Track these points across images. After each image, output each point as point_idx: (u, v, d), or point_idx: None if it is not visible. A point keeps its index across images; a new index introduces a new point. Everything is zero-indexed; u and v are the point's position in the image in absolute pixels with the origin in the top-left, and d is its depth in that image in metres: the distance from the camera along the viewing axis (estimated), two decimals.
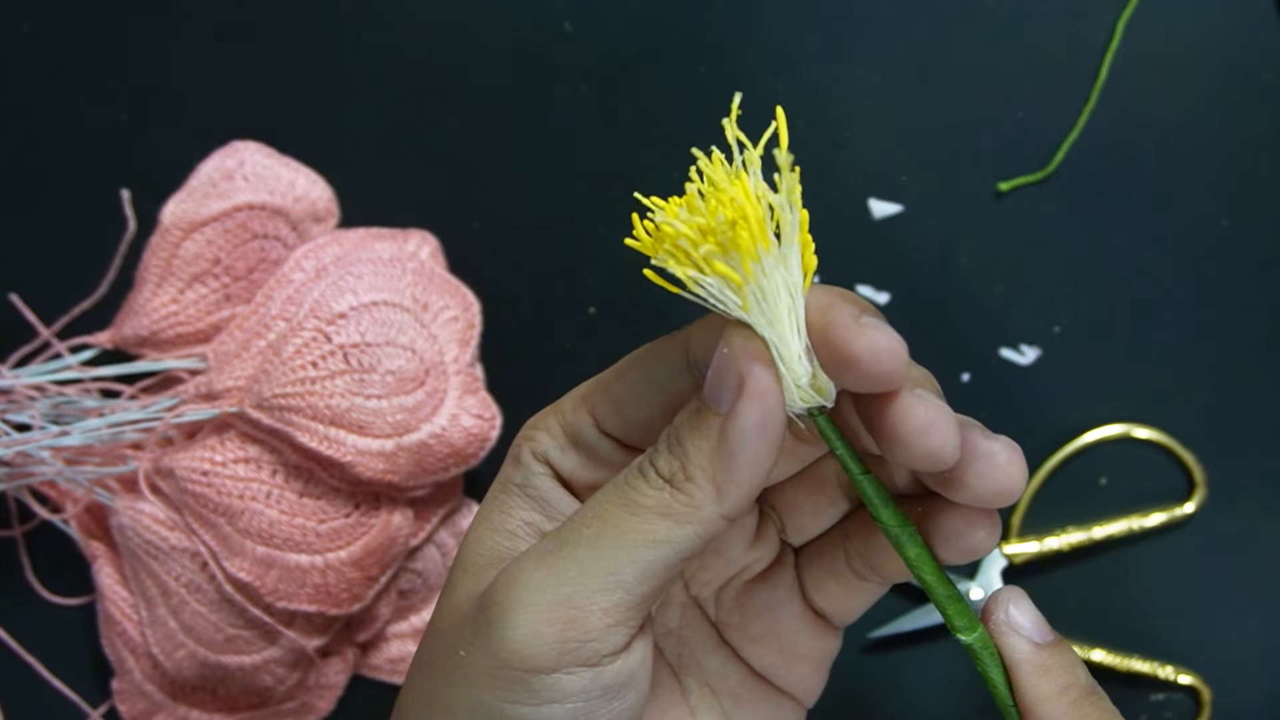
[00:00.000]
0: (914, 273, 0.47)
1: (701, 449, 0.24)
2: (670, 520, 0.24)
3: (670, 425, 0.25)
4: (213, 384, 0.41)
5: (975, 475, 0.24)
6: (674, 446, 0.24)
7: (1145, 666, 0.45)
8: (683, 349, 0.26)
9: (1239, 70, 0.47)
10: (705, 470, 0.24)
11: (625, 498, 0.24)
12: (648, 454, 0.25)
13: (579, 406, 0.27)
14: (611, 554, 0.24)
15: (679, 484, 0.24)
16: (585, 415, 0.27)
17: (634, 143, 0.47)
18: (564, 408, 0.28)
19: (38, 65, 0.48)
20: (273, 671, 0.43)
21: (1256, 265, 0.47)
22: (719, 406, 0.24)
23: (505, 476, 0.28)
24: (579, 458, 0.27)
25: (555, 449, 0.27)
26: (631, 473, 0.25)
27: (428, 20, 0.48)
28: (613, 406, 0.27)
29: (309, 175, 0.46)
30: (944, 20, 0.47)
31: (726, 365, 0.23)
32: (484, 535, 0.27)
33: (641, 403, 0.26)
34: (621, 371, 0.27)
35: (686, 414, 0.24)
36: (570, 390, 0.28)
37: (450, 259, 0.46)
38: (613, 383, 0.27)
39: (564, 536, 0.25)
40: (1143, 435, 0.46)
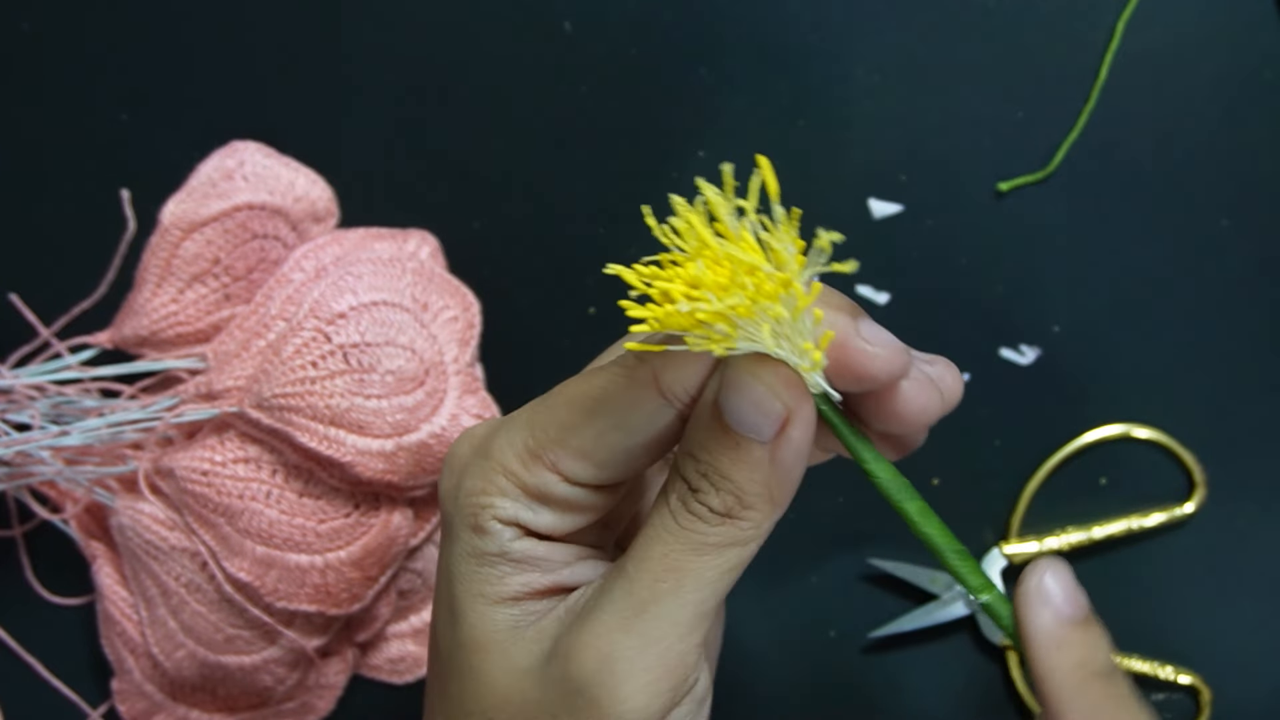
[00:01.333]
0: (914, 273, 0.47)
1: (755, 479, 0.24)
2: (738, 547, 0.25)
3: (693, 461, 0.25)
4: (212, 384, 0.41)
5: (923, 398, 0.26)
6: (720, 483, 0.25)
7: (1145, 666, 0.45)
8: (653, 390, 0.25)
9: (1239, 70, 0.47)
10: (762, 494, 0.25)
11: (691, 544, 0.25)
12: (686, 496, 0.25)
13: (532, 465, 0.26)
14: (696, 597, 0.25)
15: (738, 514, 0.25)
16: (546, 473, 0.26)
17: (634, 143, 0.47)
18: (511, 467, 0.26)
19: (38, 65, 0.48)
20: (272, 671, 0.43)
21: (1256, 265, 0.47)
22: (760, 436, 0.24)
23: (473, 549, 0.27)
24: (553, 513, 0.27)
25: (524, 511, 0.27)
26: (683, 517, 0.25)
27: (428, 20, 0.48)
28: (579, 459, 0.26)
29: (309, 175, 0.46)
30: (944, 20, 0.47)
31: (765, 399, 0.24)
32: (484, 611, 0.27)
33: (615, 449, 0.26)
34: (574, 425, 0.26)
35: (716, 448, 0.25)
36: (493, 436, 0.27)
37: (450, 259, 0.46)
38: (568, 438, 0.26)
39: (640, 596, 0.25)
40: (1143, 435, 0.46)
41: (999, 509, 0.47)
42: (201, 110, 0.48)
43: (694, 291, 0.23)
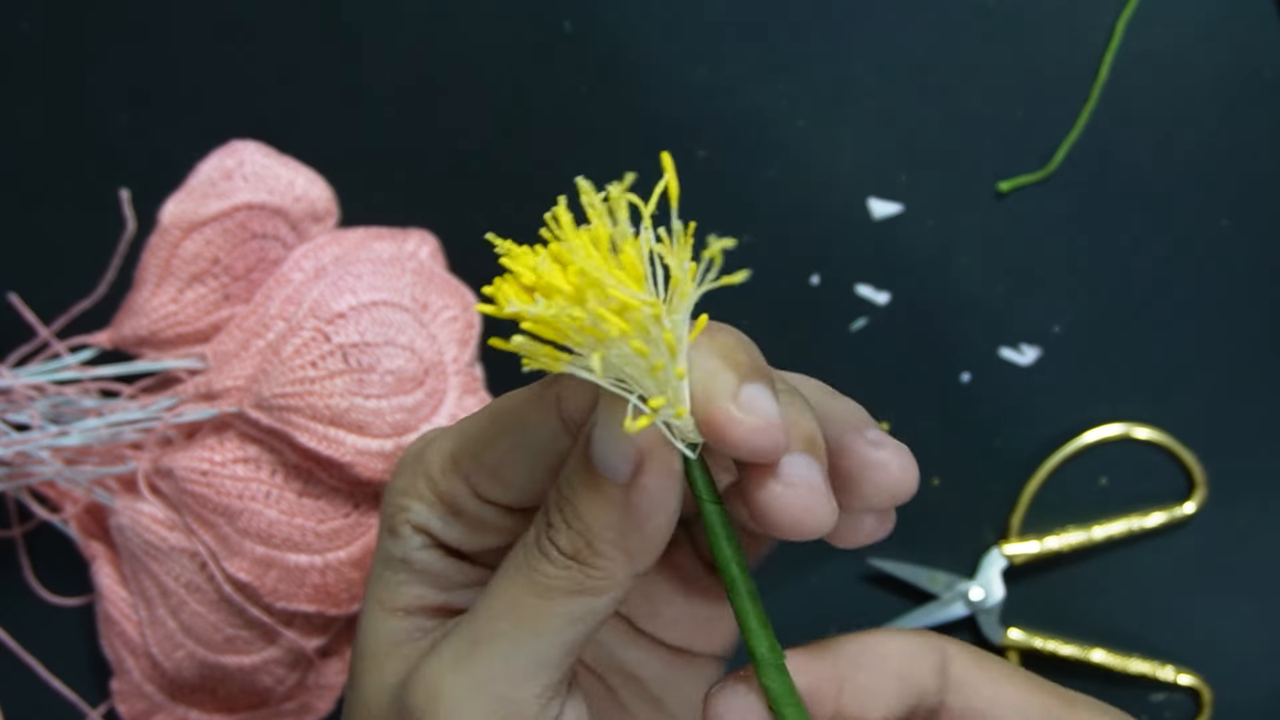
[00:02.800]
0: (914, 273, 0.47)
1: (606, 522, 0.22)
2: (586, 596, 0.23)
3: (557, 494, 0.23)
4: (212, 384, 0.41)
5: (870, 485, 0.23)
6: (573, 520, 0.23)
7: (1145, 666, 0.45)
8: (554, 410, 0.24)
9: (1239, 70, 0.47)
10: (614, 542, 0.23)
11: (534, 584, 0.23)
12: (542, 530, 0.23)
13: (450, 474, 0.25)
14: (533, 643, 0.23)
15: (586, 559, 0.23)
16: (460, 484, 0.25)
17: (634, 143, 0.47)
18: (432, 473, 0.26)
19: (38, 65, 0.48)
20: (272, 672, 0.43)
21: (1256, 265, 0.47)
22: (616, 477, 0.22)
23: (384, 551, 0.26)
24: (463, 528, 0.26)
25: (436, 520, 0.26)
26: (531, 554, 0.23)
27: (427, 20, 0.48)
28: (489, 475, 0.25)
29: (308, 175, 0.46)
30: (944, 20, 0.47)
31: (617, 439, 0.22)
32: (377, 618, 0.26)
33: (520, 468, 0.25)
34: (489, 439, 0.25)
35: (578, 483, 0.23)
36: (434, 439, 0.26)
37: (450, 259, 0.46)
38: (483, 451, 0.25)
39: (477, 633, 0.23)
40: (1143, 435, 0.46)
41: (999, 509, 0.47)
42: (201, 110, 0.48)
43: (535, 288, 0.21)
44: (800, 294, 0.47)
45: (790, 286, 0.47)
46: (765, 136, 0.47)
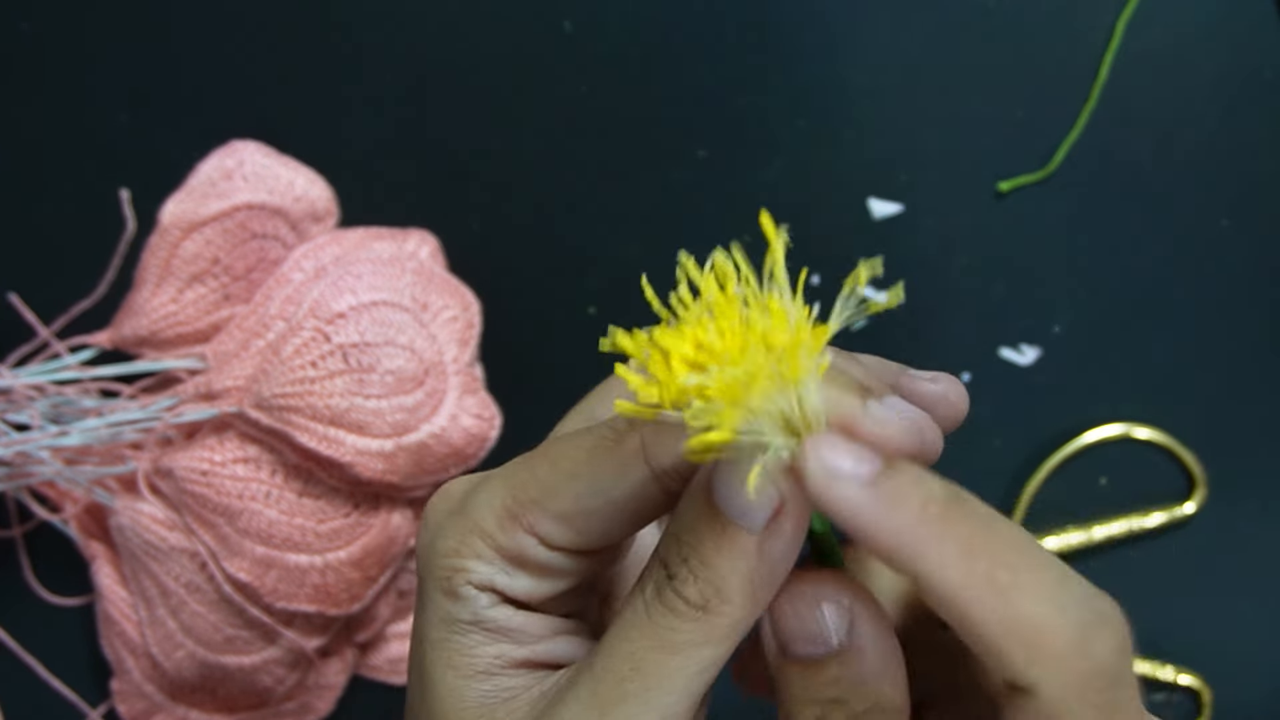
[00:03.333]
0: (914, 273, 0.47)
1: (738, 570, 0.23)
2: (712, 645, 0.23)
3: (677, 545, 0.23)
4: (212, 384, 0.41)
5: (940, 413, 0.25)
6: (701, 571, 0.23)
7: (1145, 666, 0.45)
8: (640, 459, 0.24)
9: (1239, 70, 0.47)
10: (744, 590, 0.23)
11: (659, 639, 0.23)
12: (663, 583, 0.23)
13: (510, 527, 0.25)
14: (665, 700, 0.23)
15: (715, 608, 0.23)
16: (525, 536, 0.25)
17: (634, 143, 0.47)
18: (487, 528, 0.25)
19: (38, 65, 0.48)
20: (272, 672, 0.43)
21: (1256, 265, 0.47)
22: (753, 526, 0.22)
23: (445, 614, 0.25)
24: (530, 578, 0.25)
25: (500, 575, 0.25)
26: (655, 609, 0.23)
27: (427, 20, 0.48)
28: (558, 523, 0.25)
29: (308, 175, 0.46)
30: (944, 20, 0.47)
31: (756, 489, 0.22)
32: (455, 685, 0.25)
33: (596, 515, 0.25)
34: (556, 488, 0.25)
35: (705, 533, 0.23)
36: (473, 493, 0.26)
37: (450, 259, 0.46)
38: (550, 501, 0.25)
39: (603, 697, 0.23)
40: (1143, 435, 0.46)
41: (999, 509, 0.46)
42: (201, 110, 0.48)
43: (698, 358, 0.22)
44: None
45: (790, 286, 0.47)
46: (765, 136, 0.47)
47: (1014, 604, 0.21)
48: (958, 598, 0.21)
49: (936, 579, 0.21)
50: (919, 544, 0.22)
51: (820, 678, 0.23)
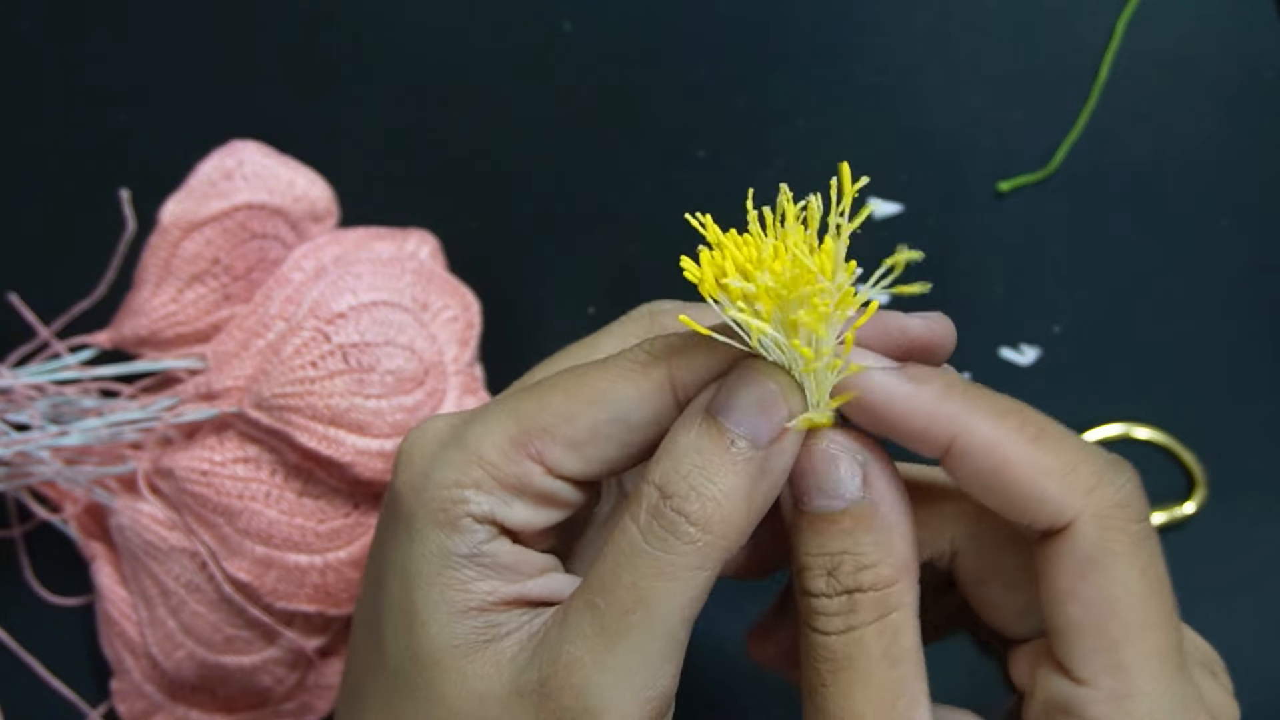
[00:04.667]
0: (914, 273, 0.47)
1: (740, 486, 0.23)
2: (709, 567, 0.23)
3: (675, 464, 0.24)
4: (212, 384, 0.41)
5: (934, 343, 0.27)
6: (704, 487, 0.23)
7: None
8: (667, 386, 0.25)
9: (1239, 70, 0.47)
10: (745, 505, 0.23)
11: (660, 567, 0.23)
12: (659, 505, 0.23)
13: (515, 455, 0.25)
14: (665, 626, 0.23)
15: (715, 526, 0.23)
16: (531, 464, 0.25)
17: (634, 143, 0.47)
18: (489, 457, 0.25)
19: (38, 65, 0.48)
20: (272, 672, 0.43)
21: (1256, 265, 0.47)
22: (757, 440, 0.23)
23: (440, 548, 0.25)
24: (529, 507, 0.25)
25: (499, 505, 0.25)
26: (653, 534, 0.23)
27: (427, 20, 0.48)
28: (571, 449, 0.25)
29: (308, 175, 0.46)
30: (944, 20, 0.47)
31: (774, 401, 0.23)
32: (445, 621, 0.25)
33: (613, 443, 0.25)
34: (575, 414, 0.25)
35: (712, 450, 0.23)
36: (466, 426, 0.25)
37: (450, 259, 0.46)
38: (565, 425, 0.25)
39: (608, 628, 0.23)
40: (1143, 435, 0.46)
41: None
42: (201, 110, 0.48)
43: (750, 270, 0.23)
44: None
45: None
46: (765, 136, 0.47)
47: (1046, 448, 0.24)
48: (994, 450, 0.24)
49: (973, 437, 0.24)
50: (954, 412, 0.24)
51: (833, 530, 0.24)
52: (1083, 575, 0.23)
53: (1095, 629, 0.23)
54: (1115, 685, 0.23)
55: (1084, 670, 0.23)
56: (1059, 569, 0.24)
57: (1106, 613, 0.23)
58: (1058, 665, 0.24)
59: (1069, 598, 0.23)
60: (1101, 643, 0.23)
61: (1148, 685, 0.23)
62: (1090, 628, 0.23)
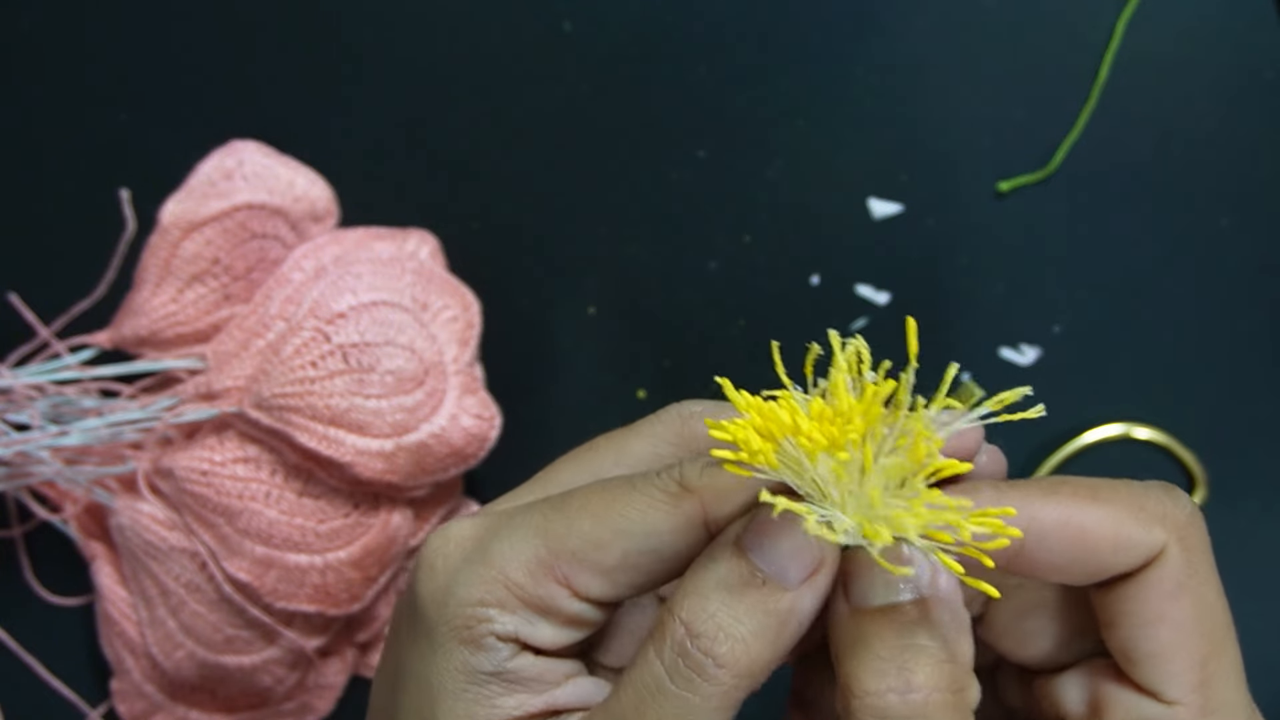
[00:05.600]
0: (914, 273, 0.47)
1: (767, 624, 0.23)
2: (732, 708, 0.23)
3: (704, 600, 0.23)
4: (212, 384, 0.41)
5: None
6: (730, 625, 0.23)
7: None
8: (699, 519, 0.24)
9: (1239, 70, 0.47)
10: (773, 645, 0.23)
11: (685, 710, 0.23)
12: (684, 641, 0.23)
13: (542, 578, 0.24)
14: None
15: (742, 666, 0.23)
16: (556, 587, 0.24)
17: (634, 143, 0.47)
18: (515, 578, 0.24)
19: (38, 65, 0.48)
20: (272, 672, 0.43)
21: (1256, 265, 0.47)
22: (787, 581, 0.23)
23: (463, 665, 0.25)
24: (554, 627, 0.25)
25: (524, 625, 0.25)
26: (680, 675, 0.23)
27: (427, 20, 0.48)
28: (599, 576, 0.24)
29: (308, 175, 0.46)
30: (944, 20, 0.47)
31: (806, 542, 0.23)
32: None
33: (641, 571, 0.24)
34: (603, 541, 0.24)
35: (743, 588, 0.23)
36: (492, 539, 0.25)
37: (450, 259, 0.46)
38: (594, 552, 0.24)
39: None
40: (1143, 435, 0.46)
41: None
42: (201, 110, 0.48)
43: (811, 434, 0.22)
44: (800, 294, 0.47)
45: (790, 286, 0.47)
46: (765, 136, 0.47)
47: (1108, 500, 0.24)
48: (1069, 525, 0.24)
49: (1043, 524, 0.24)
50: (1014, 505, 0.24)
51: (901, 623, 0.23)
52: (1173, 599, 0.24)
53: (1186, 649, 0.24)
54: (1204, 701, 0.24)
55: (1173, 691, 0.24)
56: (1144, 598, 0.24)
57: (1196, 632, 0.24)
58: (1137, 688, 0.24)
59: (1159, 622, 0.24)
60: (1191, 661, 0.24)
61: (1231, 696, 0.24)
62: (1181, 649, 0.24)
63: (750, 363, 0.47)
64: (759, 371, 0.49)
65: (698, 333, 0.47)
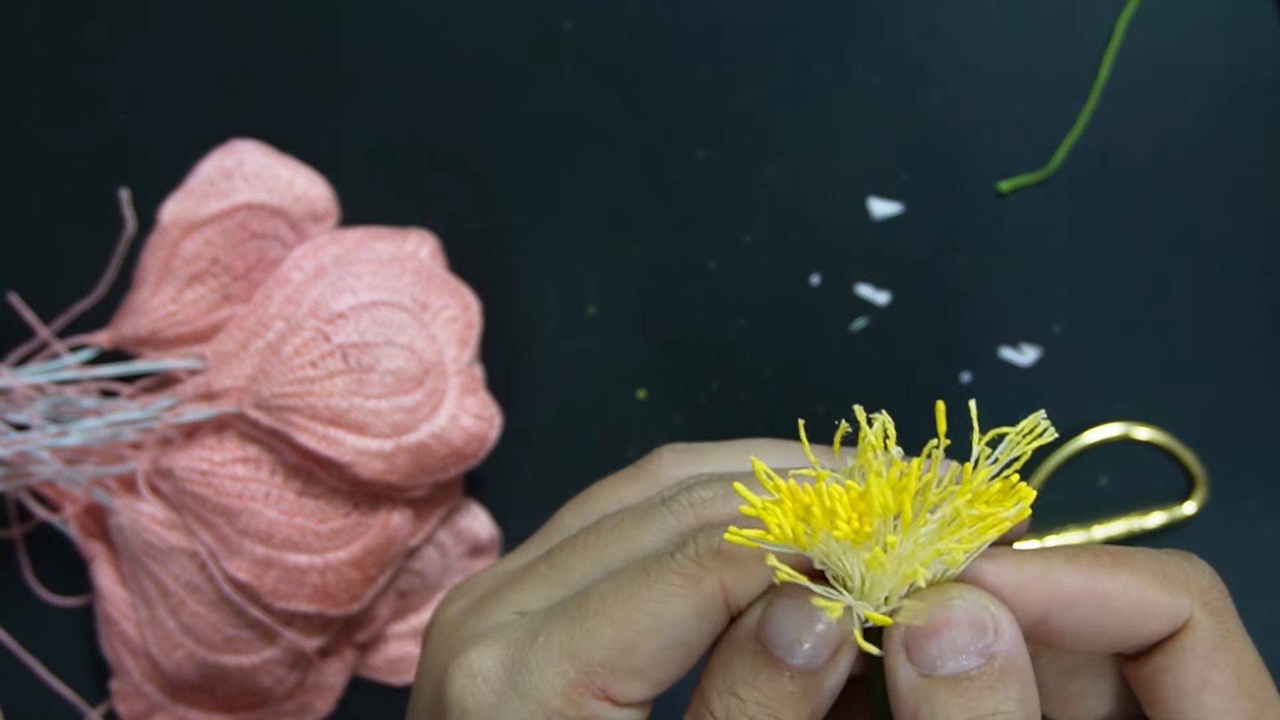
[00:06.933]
0: (914, 273, 0.47)
1: (793, 705, 0.23)
2: None
3: (738, 700, 0.23)
4: (211, 384, 0.41)
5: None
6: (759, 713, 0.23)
7: None
8: (720, 601, 0.24)
9: (1239, 70, 0.47)
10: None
11: None
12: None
13: (581, 699, 0.24)
14: None
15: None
16: (597, 703, 0.24)
17: (634, 143, 0.47)
18: (555, 705, 0.24)
19: (38, 65, 0.48)
20: (272, 672, 0.43)
21: (1256, 265, 0.47)
22: (813, 665, 0.23)
23: None
24: None
25: None
26: None
27: (427, 20, 0.48)
28: (634, 680, 0.24)
29: (308, 174, 0.46)
30: (944, 20, 0.47)
31: (828, 626, 0.23)
32: None
33: (674, 663, 0.24)
34: (632, 645, 0.24)
35: (767, 678, 0.23)
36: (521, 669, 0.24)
37: (450, 259, 0.46)
38: (626, 659, 0.24)
39: None
40: (1143, 435, 0.46)
41: None
42: (201, 110, 0.48)
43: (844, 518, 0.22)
44: (800, 294, 0.47)
45: (790, 286, 0.47)
46: (765, 136, 0.47)
47: (1130, 567, 0.24)
48: (1094, 593, 0.23)
49: (1068, 593, 0.23)
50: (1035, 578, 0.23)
51: (976, 688, 0.23)
52: (1212, 664, 0.24)
53: (1235, 710, 0.24)
54: None
55: None
56: (1184, 665, 0.24)
57: (1241, 692, 0.24)
58: None
59: (1204, 687, 0.24)
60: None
61: None
62: (1230, 710, 0.24)
63: (751, 362, 0.47)
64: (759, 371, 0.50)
65: (698, 333, 0.47)
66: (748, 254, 0.47)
